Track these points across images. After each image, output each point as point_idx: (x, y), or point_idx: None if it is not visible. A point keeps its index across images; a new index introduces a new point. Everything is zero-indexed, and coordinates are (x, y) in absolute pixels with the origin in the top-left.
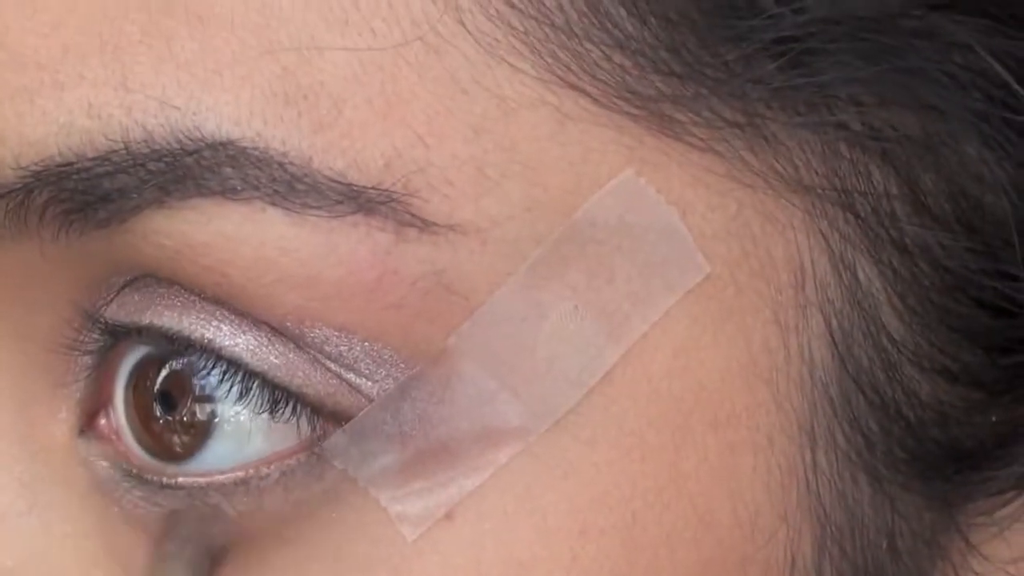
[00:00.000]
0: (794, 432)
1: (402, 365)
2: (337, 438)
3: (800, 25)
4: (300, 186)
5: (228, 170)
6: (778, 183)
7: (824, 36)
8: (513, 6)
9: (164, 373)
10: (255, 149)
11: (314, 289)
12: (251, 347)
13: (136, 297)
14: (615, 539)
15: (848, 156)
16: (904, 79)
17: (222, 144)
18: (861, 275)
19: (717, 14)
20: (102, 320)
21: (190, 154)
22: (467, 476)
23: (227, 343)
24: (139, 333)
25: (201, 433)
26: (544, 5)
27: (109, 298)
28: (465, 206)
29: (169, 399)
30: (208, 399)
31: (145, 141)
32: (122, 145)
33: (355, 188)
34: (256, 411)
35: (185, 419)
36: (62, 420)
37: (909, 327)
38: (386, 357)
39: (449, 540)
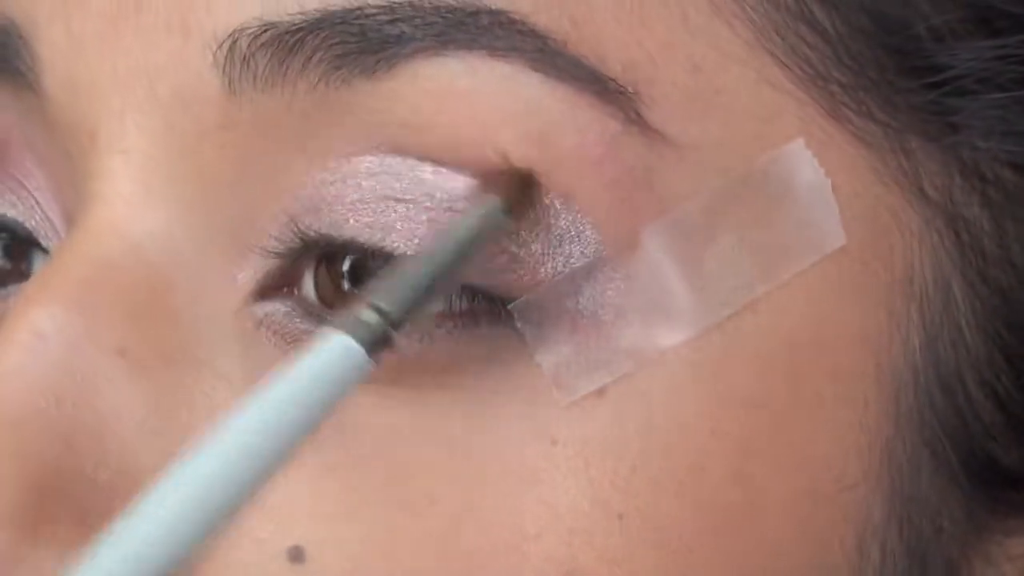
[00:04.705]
0: (885, 402)
1: (593, 247)
2: (522, 301)
3: (959, 76)
4: (558, 60)
5: (499, 31)
6: (909, 190)
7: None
8: None
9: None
10: (523, 24)
11: (549, 148)
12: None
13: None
14: (737, 442)
15: (961, 185)
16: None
17: (498, 12)
18: (954, 287)
19: (900, 54)
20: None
21: (469, 15)
22: (624, 361)
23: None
24: None
25: None
26: None
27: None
28: (676, 124)
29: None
30: None
31: None
32: None
33: (600, 74)
34: None
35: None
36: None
37: (983, 348)
38: (586, 236)
39: (596, 413)
